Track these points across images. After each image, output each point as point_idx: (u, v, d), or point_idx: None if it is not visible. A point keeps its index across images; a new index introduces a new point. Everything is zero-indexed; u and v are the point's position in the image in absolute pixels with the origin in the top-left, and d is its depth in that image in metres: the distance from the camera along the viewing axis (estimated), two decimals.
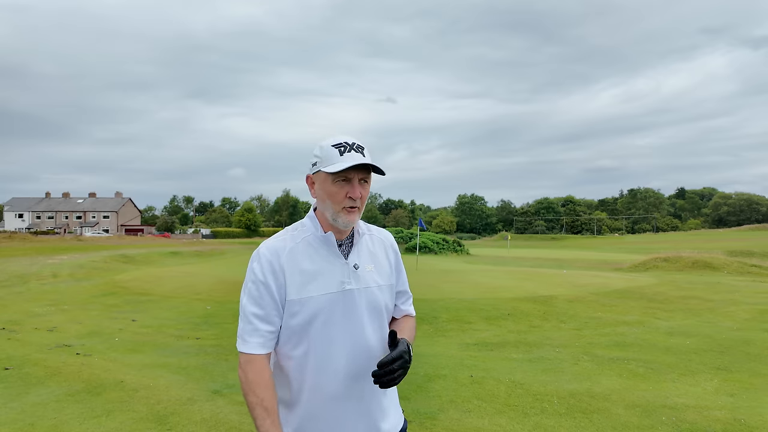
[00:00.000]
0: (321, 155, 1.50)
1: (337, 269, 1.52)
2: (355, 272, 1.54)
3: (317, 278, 1.49)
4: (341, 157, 1.46)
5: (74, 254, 24.58)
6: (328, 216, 1.52)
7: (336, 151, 1.47)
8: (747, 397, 4.60)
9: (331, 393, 1.48)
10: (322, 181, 1.51)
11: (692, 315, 9.42)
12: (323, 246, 1.54)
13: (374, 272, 1.59)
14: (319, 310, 1.47)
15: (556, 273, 17.55)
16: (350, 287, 1.52)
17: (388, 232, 1.75)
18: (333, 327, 1.48)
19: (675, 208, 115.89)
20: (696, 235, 69.47)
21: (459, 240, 43.62)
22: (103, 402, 4.40)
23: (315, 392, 1.49)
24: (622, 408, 4.28)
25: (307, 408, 1.49)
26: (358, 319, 1.51)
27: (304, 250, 1.52)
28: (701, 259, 21.61)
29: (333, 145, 1.49)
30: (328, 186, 1.50)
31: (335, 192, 1.49)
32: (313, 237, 1.54)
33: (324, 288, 1.49)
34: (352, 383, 1.50)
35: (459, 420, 4.02)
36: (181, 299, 11.32)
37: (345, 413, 1.50)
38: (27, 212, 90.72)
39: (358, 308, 1.52)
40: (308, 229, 1.56)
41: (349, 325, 1.50)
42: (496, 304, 10.07)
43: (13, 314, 9.59)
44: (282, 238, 1.54)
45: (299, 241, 1.53)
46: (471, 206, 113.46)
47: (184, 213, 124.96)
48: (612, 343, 7.00)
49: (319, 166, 1.50)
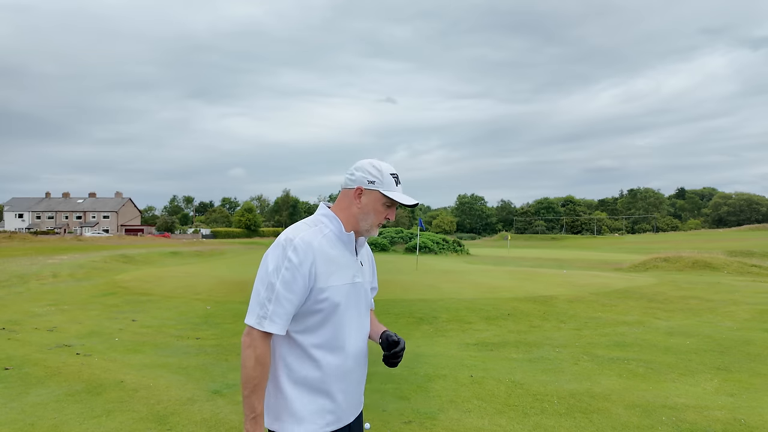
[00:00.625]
0: (381, 178, 1.74)
1: (352, 264, 1.76)
2: (361, 268, 1.80)
3: (339, 270, 1.70)
4: (396, 187, 1.76)
5: (74, 254, 24.58)
6: (364, 225, 1.77)
7: (393, 181, 1.76)
8: (747, 397, 4.60)
9: (342, 373, 1.71)
10: (374, 200, 1.75)
11: (692, 315, 9.42)
12: (342, 243, 1.75)
13: (367, 271, 1.87)
14: (340, 299, 1.68)
15: (556, 273, 17.55)
16: (358, 280, 1.77)
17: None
18: (347, 313, 1.71)
19: (675, 208, 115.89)
20: (696, 235, 69.48)
21: (459, 240, 43.62)
22: (103, 402, 4.40)
23: (334, 370, 1.69)
24: (622, 408, 4.28)
25: (329, 385, 1.68)
26: (360, 307, 1.78)
27: (329, 244, 1.70)
28: (701, 259, 21.62)
29: (391, 173, 1.76)
30: (379, 206, 1.75)
31: (382, 212, 1.77)
32: (332, 233, 1.73)
33: (343, 279, 1.70)
34: (356, 361, 1.75)
35: (459, 420, 4.02)
36: (181, 299, 11.32)
37: (353, 387, 1.76)
38: (27, 212, 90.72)
39: (360, 299, 1.78)
40: (327, 226, 1.74)
41: (356, 312, 1.76)
42: (496, 304, 10.07)
43: (13, 314, 9.59)
44: (311, 231, 1.69)
45: (323, 236, 1.71)
46: (471, 206, 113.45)
47: (184, 213, 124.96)
48: (612, 343, 7.00)
49: (378, 186, 1.74)
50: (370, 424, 3.89)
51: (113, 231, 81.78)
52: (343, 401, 1.71)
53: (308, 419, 1.64)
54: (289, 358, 1.66)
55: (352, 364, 1.73)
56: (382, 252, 37.10)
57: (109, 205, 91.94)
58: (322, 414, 1.67)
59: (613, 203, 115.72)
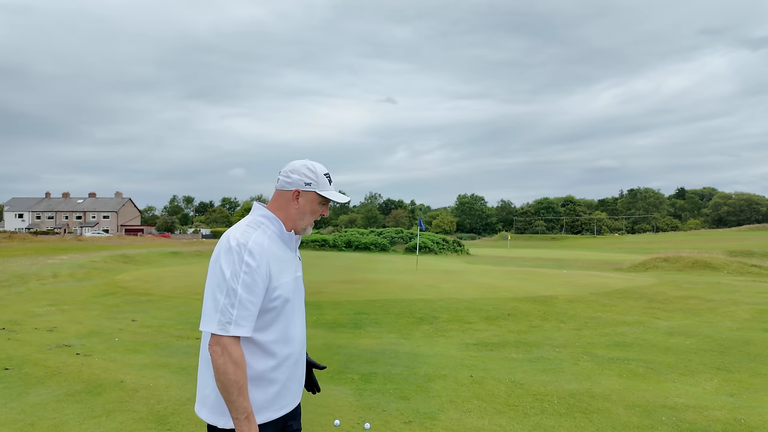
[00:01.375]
0: (316, 179, 1.85)
1: (293, 260, 1.88)
2: (299, 263, 1.95)
3: (285, 267, 1.80)
4: (330, 185, 1.88)
5: (74, 254, 24.57)
6: (301, 224, 1.87)
7: (327, 180, 1.88)
8: (747, 397, 4.60)
9: (293, 361, 1.83)
10: (311, 200, 1.86)
11: (692, 315, 9.42)
12: (283, 242, 1.85)
13: (300, 265, 2.00)
14: (289, 294, 1.79)
15: (556, 273, 17.55)
16: (299, 274, 1.91)
17: None
18: (294, 306, 1.83)
19: (675, 208, 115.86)
20: (696, 235, 69.49)
21: (459, 240, 43.63)
22: (103, 402, 4.40)
23: (285, 363, 1.79)
24: (622, 408, 4.28)
25: (284, 374, 1.79)
26: (301, 298, 1.93)
27: (275, 244, 1.79)
28: (701, 259, 21.62)
29: (324, 174, 1.87)
30: (315, 205, 1.87)
31: (318, 211, 1.89)
32: (274, 234, 1.82)
33: (289, 275, 1.81)
34: (302, 348, 1.90)
35: (459, 420, 4.02)
36: (181, 299, 11.32)
37: (300, 371, 1.89)
38: (27, 212, 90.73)
39: (301, 290, 1.93)
40: (270, 227, 1.82)
41: (299, 304, 1.89)
42: (496, 304, 10.07)
43: (13, 314, 9.59)
44: (258, 233, 1.75)
45: (268, 237, 1.78)
46: (471, 206, 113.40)
47: (184, 213, 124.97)
48: (612, 343, 7.00)
49: (314, 188, 1.85)
50: (370, 424, 3.90)
51: (113, 231, 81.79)
52: (291, 387, 1.83)
53: (266, 408, 1.73)
54: (245, 355, 1.70)
55: (299, 350, 1.86)
56: (382, 252, 37.09)
57: (109, 205, 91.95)
58: (277, 400, 1.77)
59: (613, 203, 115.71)
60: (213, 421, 1.71)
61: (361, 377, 5.24)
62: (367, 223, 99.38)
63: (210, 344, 1.66)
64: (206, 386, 1.75)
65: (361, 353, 6.37)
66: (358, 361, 5.93)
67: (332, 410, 4.19)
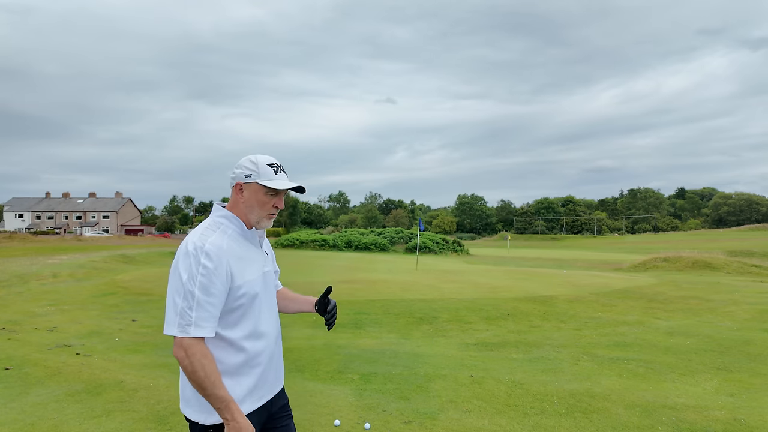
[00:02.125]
0: (257, 170, 1.83)
1: (259, 257, 1.89)
2: (267, 258, 1.96)
3: (249, 264, 1.82)
4: (276, 175, 1.83)
5: (74, 254, 24.57)
6: (253, 218, 1.86)
7: (271, 170, 1.83)
8: (747, 397, 4.60)
9: (268, 354, 1.86)
10: (254, 192, 1.84)
11: (692, 315, 9.42)
12: (247, 239, 1.86)
13: (271, 260, 2.02)
14: (255, 290, 1.80)
15: (556, 273, 17.55)
16: (267, 269, 1.92)
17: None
18: (262, 302, 1.85)
19: (675, 208, 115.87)
20: (696, 235, 69.50)
21: (459, 240, 43.64)
22: (103, 402, 4.40)
23: (258, 357, 1.81)
24: (622, 408, 4.28)
25: (258, 368, 1.82)
26: (270, 293, 1.93)
27: (236, 244, 1.81)
28: (701, 259, 21.62)
29: (268, 164, 1.84)
30: (260, 196, 1.84)
31: (266, 202, 1.84)
32: (236, 233, 1.84)
33: (254, 272, 1.83)
34: (275, 341, 1.92)
35: (459, 420, 4.02)
36: None
37: (275, 364, 1.91)
38: (27, 212, 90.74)
39: (270, 285, 1.93)
40: (229, 226, 1.83)
41: (268, 299, 1.90)
42: (496, 304, 10.06)
43: (13, 314, 9.59)
44: (217, 235, 1.77)
45: (228, 236, 1.79)
46: (471, 206, 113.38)
47: (184, 213, 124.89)
48: (612, 343, 7.00)
49: (254, 179, 1.83)
50: (370, 424, 3.90)
51: (113, 231, 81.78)
52: (267, 378, 1.86)
53: (241, 401, 1.75)
54: (216, 351, 1.73)
55: (272, 345, 1.88)
56: (382, 252, 37.08)
57: (109, 205, 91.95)
58: (252, 393, 1.80)
59: (613, 203, 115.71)
60: (195, 417, 1.76)
61: (361, 377, 5.24)
62: (367, 223, 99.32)
63: (174, 348, 1.67)
64: (186, 387, 1.78)
65: (361, 353, 6.37)
66: (358, 361, 5.93)
67: (332, 410, 4.19)
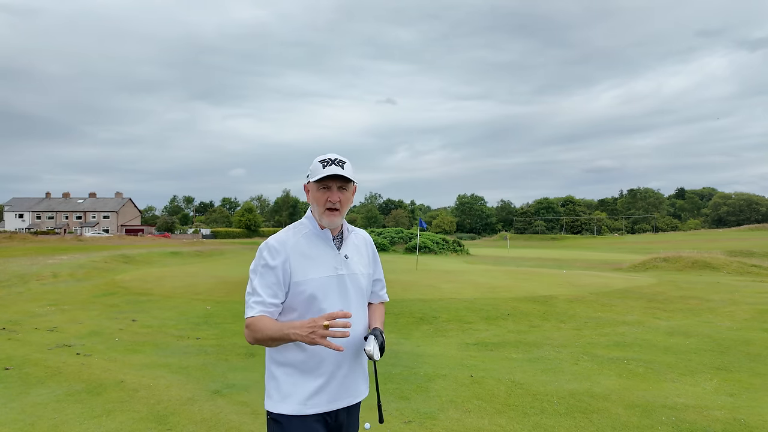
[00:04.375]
0: (312, 169, 1.91)
1: (332, 258, 1.91)
2: (346, 261, 1.94)
3: (316, 264, 1.87)
4: (323, 170, 1.86)
5: (74, 254, 24.57)
6: (317, 216, 1.92)
7: (320, 165, 1.87)
8: (747, 397, 4.60)
9: (334, 363, 1.84)
10: (312, 190, 1.92)
11: (692, 315, 9.42)
12: (320, 239, 1.92)
13: (359, 263, 1.99)
14: (319, 289, 1.84)
15: (555, 273, 17.55)
16: (342, 272, 1.90)
17: (365, 231, 2.17)
18: (330, 303, 1.84)
19: (675, 208, 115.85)
20: (696, 235, 69.47)
21: (459, 240, 43.61)
22: (103, 402, 4.40)
23: (321, 355, 1.82)
24: (622, 408, 4.29)
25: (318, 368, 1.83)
26: (347, 298, 1.90)
27: (305, 242, 1.90)
28: (701, 259, 21.62)
29: (320, 160, 1.89)
30: (315, 193, 1.91)
31: (319, 197, 1.90)
32: (311, 233, 1.93)
33: (322, 272, 1.86)
34: (350, 356, 1.88)
35: (459, 420, 4.03)
36: (181, 299, 11.32)
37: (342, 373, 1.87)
38: (27, 212, 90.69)
39: (347, 289, 1.91)
40: (306, 226, 1.94)
41: (341, 302, 1.87)
42: (496, 304, 10.07)
43: (13, 314, 9.60)
44: (286, 233, 1.91)
45: (301, 236, 1.91)
46: (471, 206, 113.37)
47: (184, 213, 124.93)
48: (612, 343, 7.00)
49: (311, 177, 1.91)
50: (370, 424, 3.90)
51: (113, 231, 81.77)
52: (329, 385, 1.84)
53: (292, 397, 1.81)
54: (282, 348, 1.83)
55: (342, 355, 1.85)
56: (382, 252, 37.09)
57: (109, 205, 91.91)
58: (306, 394, 1.81)
59: (612, 203, 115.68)
60: (266, 406, 1.88)
61: None
62: (367, 223, 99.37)
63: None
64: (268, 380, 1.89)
65: None
66: None
67: None
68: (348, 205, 1.95)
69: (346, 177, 1.87)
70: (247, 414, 4.14)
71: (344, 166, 1.88)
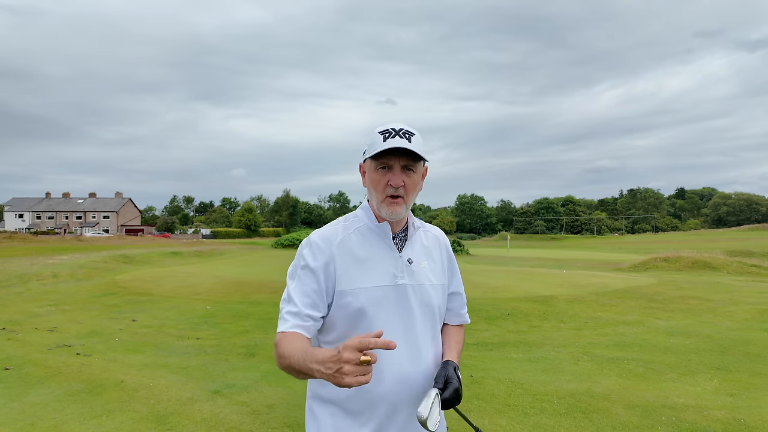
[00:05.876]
0: (369, 142, 1.43)
1: (390, 262, 1.44)
2: (409, 267, 1.46)
3: (370, 269, 1.41)
4: (384, 143, 1.37)
5: (74, 254, 24.57)
6: (375, 206, 1.45)
7: (380, 138, 1.39)
8: (747, 397, 4.60)
9: (382, 394, 1.39)
10: (369, 170, 1.45)
11: (692, 315, 9.42)
12: (377, 237, 1.46)
13: (428, 269, 1.51)
14: (371, 303, 1.39)
15: (556, 273, 17.55)
16: (403, 282, 1.43)
17: (439, 229, 1.67)
18: (384, 322, 1.39)
19: (675, 208, 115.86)
20: (696, 235, 69.46)
21: (459, 240, 43.62)
22: (103, 402, 4.40)
23: (368, 392, 1.37)
24: (622, 408, 4.28)
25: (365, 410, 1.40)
26: (410, 315, 1.43)
27: (357, 240, 1.44)
28: (701, 259, 21.61)
29: (380, 131, 1.41)
30: (372, 174, 1.43)
31: (377, 180, 1.42)
32: (366, 227, 1.47)
33: (376, 280, 1.41)
34: (399, 387, 1.41)
35: (459, 419, 4.02)
36: (181, 299, 11.32)
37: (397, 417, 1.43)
38: (27, 212, 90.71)
39: (410, 304, 1.43)
40: (361, 219, 1.49)
41: (401, 322, 1.42)
42: (496, 304, 10.06)
43: (13, 314, 9.60)
44: (334, 227, 1.47)
45: (352, 231, 1.46)
46: (471, 206, 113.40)
47: (184, 213, 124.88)
48: (612, 343, 7.00)
49: (368, 153, 1.43)
50: None
51: (113, 231, 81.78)
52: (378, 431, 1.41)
53: None
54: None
55: (390, 389, 1.39)
56: None
57: (109, 205, 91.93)
58: None
59: (612, 203, 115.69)
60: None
61: None
62: None
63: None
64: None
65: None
66: None
67: None
68: (415, 192, 1.46)
69: (414, 153, 1.39)
70: (247, 414, 4.13)
71: (412, 139, 1.39)
